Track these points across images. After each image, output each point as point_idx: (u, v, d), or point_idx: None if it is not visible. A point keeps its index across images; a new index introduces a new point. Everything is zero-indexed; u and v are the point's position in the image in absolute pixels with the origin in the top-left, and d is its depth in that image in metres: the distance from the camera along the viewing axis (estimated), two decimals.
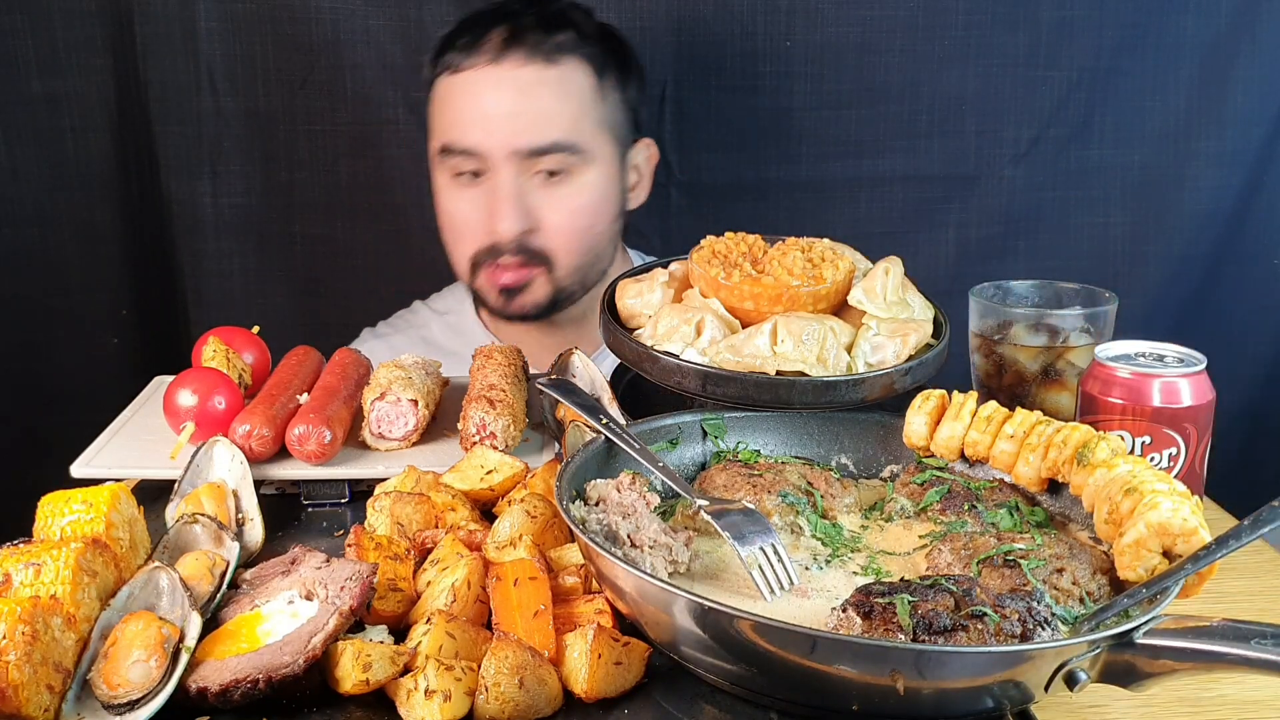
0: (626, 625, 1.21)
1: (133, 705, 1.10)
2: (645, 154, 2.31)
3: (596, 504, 1.32)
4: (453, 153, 2.14)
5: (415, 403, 1.63)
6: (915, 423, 1.48)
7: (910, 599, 1.09)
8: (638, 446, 1.39)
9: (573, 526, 1.20)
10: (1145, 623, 1.07)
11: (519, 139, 2.08)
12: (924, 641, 1.06)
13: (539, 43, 2.09)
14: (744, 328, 1.60)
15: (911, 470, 1.48)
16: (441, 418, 1.73)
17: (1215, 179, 2.77)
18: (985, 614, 1.08)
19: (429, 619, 1.17)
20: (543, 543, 1.34)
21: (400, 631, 1.22)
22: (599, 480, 1.36)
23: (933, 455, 1.49)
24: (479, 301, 2.31)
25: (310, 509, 1.58)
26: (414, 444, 1.65)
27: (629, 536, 1.27)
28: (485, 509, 1.49)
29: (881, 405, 1.57)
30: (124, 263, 2.64)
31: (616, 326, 1.66)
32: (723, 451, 1.52)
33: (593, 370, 1.69)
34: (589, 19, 2.20)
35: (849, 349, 1.58)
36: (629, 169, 2.26)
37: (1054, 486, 1.41)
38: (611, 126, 2.18)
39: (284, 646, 1.14)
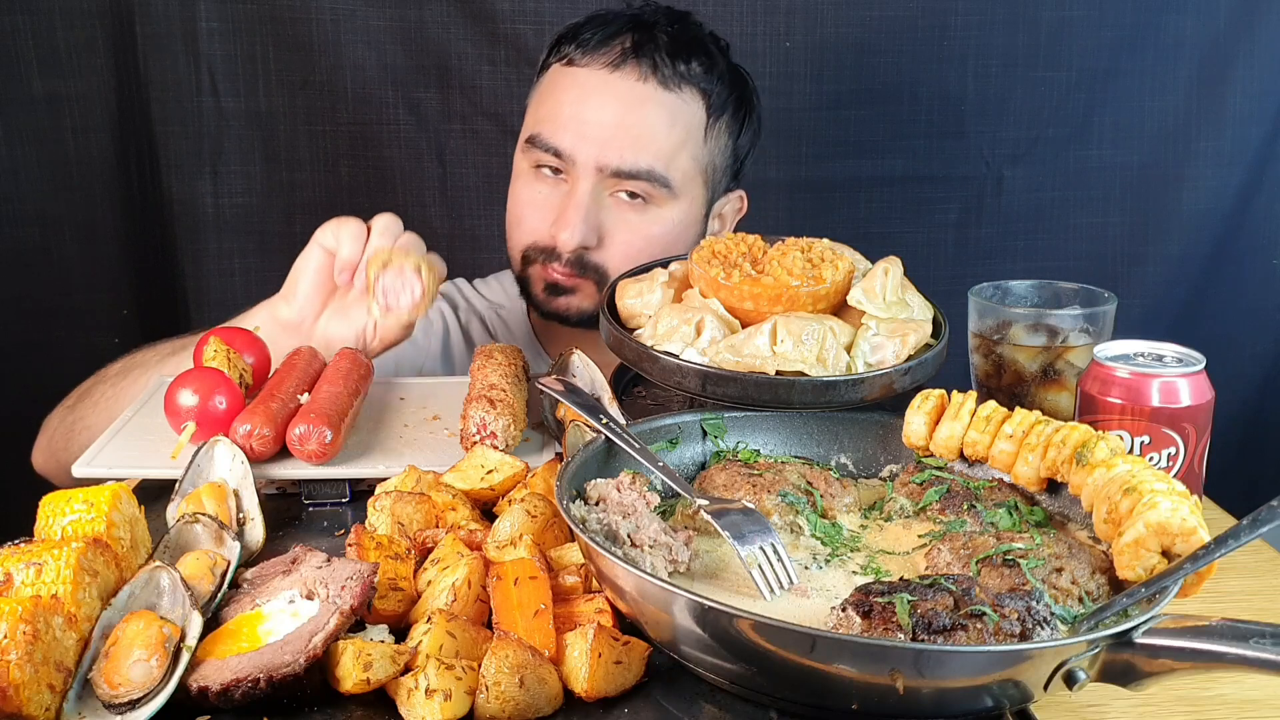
0: (626, 625, 1.21)
1: (134, 704, 1.10)
2: (734, 205, 2.22)
3: (596, 503, 1.33)
4: (538, 146, 2.05)
5: (419, 270, 1.61)
6: (914, 422, 1.48)
7: (909, 598, 1.09)
8: (638, 446, 1.39)
9: (573, 526, 1.21)
10: (1144, 622, 1.07)
11: (609, 155, 1.99)
12: (923, 641, 1.06)
13: (662, 63, 2.01)
14: (744, 328, 1.60)
15: (911, 470, 1.48)
16: (441, 418, 1.74)
17: (1214, 179, 2.78)
18: (984, 613, 1.08)
19: (429, 618, 1.17)
20: (543, 542, 1.35)
21: (401, 631, 1.22)
22: (599, 480, 1.36)
23: (932, 455, 1.49)
24: (523, 291, 2.22)
25: (311, 508, 1.58)
26: (419, 318, 1.63)
27: (629, 536, 1.27)
28: (485, 509, 1.49)
29: (881, 405, 1.57)
30: (124, 263, 2.64)
31: (616, 326, 1.66)
32: (722, 451, 1.52)
33: (593, 370, 1.69)
34: (723, 55, 2.11)
35: (848, 349, 1.59)
36: (714, 216, 2.18)
37: (1053, 486, 1.41)
38: (707, 169, 2.10)
39: (285, 646, 1.14)
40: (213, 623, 1.20)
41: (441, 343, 2.34)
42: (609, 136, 2.00)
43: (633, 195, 2.03)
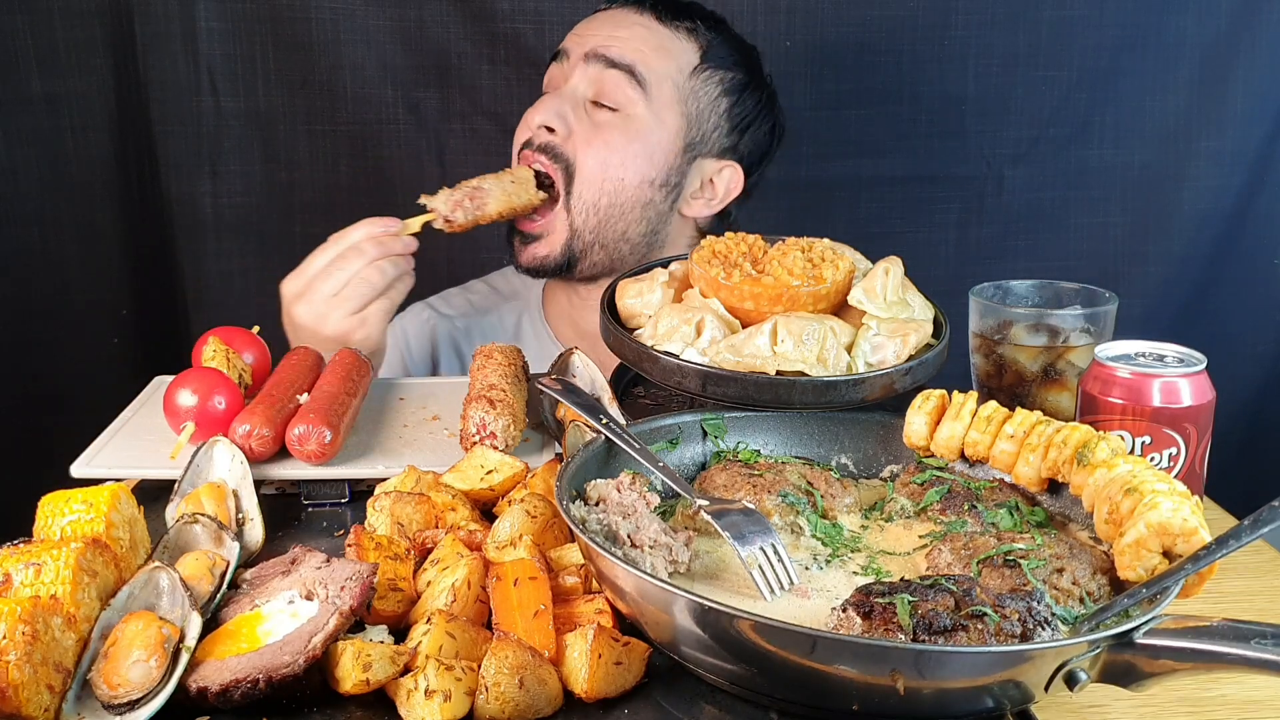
0: (626, 625, 1.21)
1: (133, 705, 1.10)
2: (725, 175, 2.24)
3: (596, 504, 1.33)
4: (554, 59, 2.21)
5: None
6: (915, 422, 1.48)
7: (910, 599, 1.09)
8: (638, 446, 1.39)
9: (573, 526, 1.20)
10: (1145, 623, 1.07)
11: (598, 41, 2.14)
12: (924, 641, 1.06)
13: (663, 10, 2.17)
14: (744, 328, 1.60)
15: (911, 470, 1.48)
16: (441, 418, 1.74)
17: (1215, 179, 2.77)
18: (985, 614, 1.08)
19: (429, 619, 1.17)
20: (543, 543, 1.34)
21: (400, 631, 1.22)
22: (599, 480, 1.36)
23: (933, 455, 1.49)
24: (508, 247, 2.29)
25: (310, 509, 1.58)
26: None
27: (629, 536, 1.27)
28: (485, 509, 1.49)
29: (881, 405, 1.57)
30: (124, 263, 2.64)
31: (616, 326, 1.66)
32: (723, 451, 1.52)
33: (593, 370, 1.69)
34: (732, 35, 2.23)
35: (849, 349, 1.59)
36: (698, 174, 2.22)
37: (1054, 486, 1.41)
38: (687, 110, 2.16)
39: (284, 646, 1.14)
40: (212, 623, 1.20)
41: (429, 358, 2.36)
42: (603, 38, 2.15)
43: (605, 106, 2.13)
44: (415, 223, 2.02)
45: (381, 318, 1.95)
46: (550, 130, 2.13)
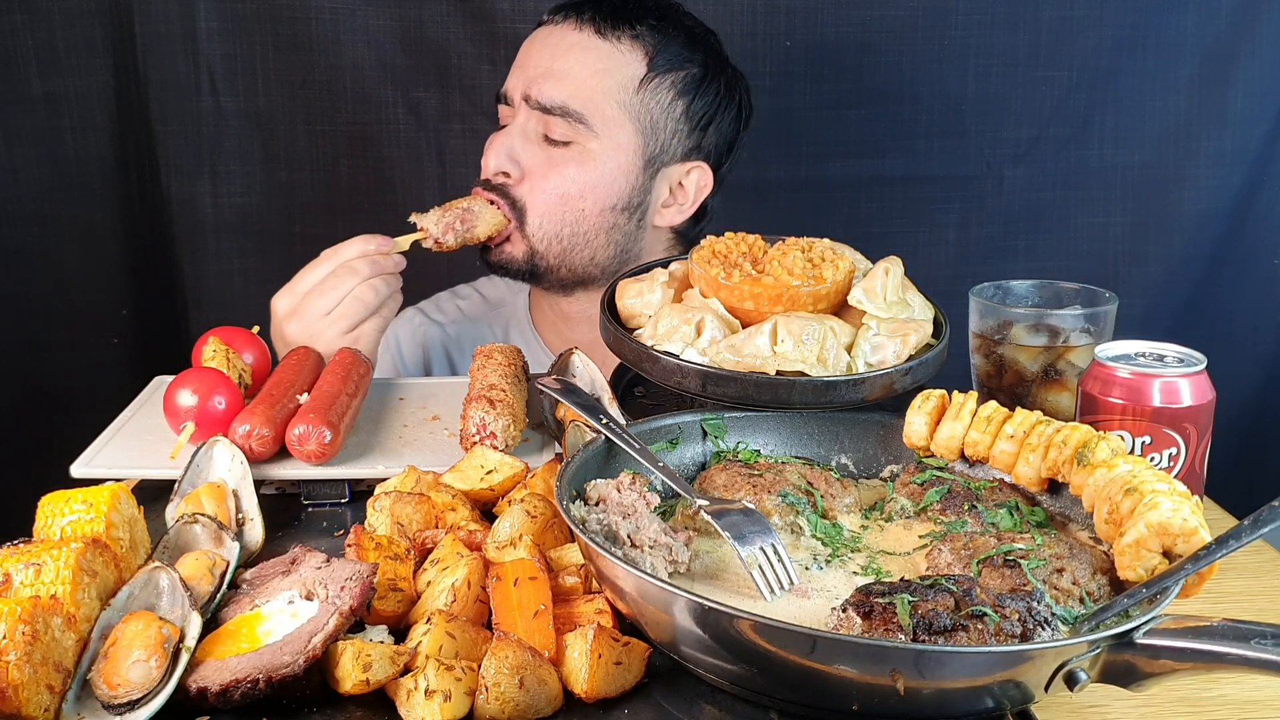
0: (626, 625, 1.21)
1: (133, 705, 1.10)
2: (692, 177, 2.20)
3: (596, 504, 1.32)
4: (499, 98, 2.19)
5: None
6: (915, 423, 1.48)
7: (910, 599, 1.09)
8: (638, 446, 1.39)
9: (573, 526, 1.20)
10: (1145, 623, 1.07)
11: (532, 89, 2.09)
12: (924, 641, 1.06)
13: (601, 18, 2.11)
14: (744, 328, 1.60)
15: (911, 470, 1.48)
16: (441, 418, 1.74)
17: (1215, 179, 2.77)
18: (985, 614, 1.08)
19: (429, 619, 1.17)
20: (543, 543, 1.34)
21: (400, 631, 1.22)
22: (599, 480, 1.36)
23: (933, 455, 1.49)
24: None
25: (310, 509, 1.58)
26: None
27: (629, 536, 1.27)
28: (485, 509, 1.49)
29: (881, 405, 1.57)
30: (124, 263, 2.64)
31: (616, 326, 1.66)
32: (723, 451, 1.52)
33: (593, 370, 1.69)
34: (689, 30, 2.17)
35: (849, 349, 1.58)
36: (664, 184, 2.18)
37: (1054, 486, 1.41)
38: (642, 122, 2.12)
39: (284, 646, 1.14)
40: (212, 623, 1.20)
41: (421, 364, 2.36)
42: (539, 75, 2.10)
43: (558, 140, 2.10)
44: (405, 241, 2.00)
45: (374, 336, 1.93)
46: (505, 175, 2.11)
